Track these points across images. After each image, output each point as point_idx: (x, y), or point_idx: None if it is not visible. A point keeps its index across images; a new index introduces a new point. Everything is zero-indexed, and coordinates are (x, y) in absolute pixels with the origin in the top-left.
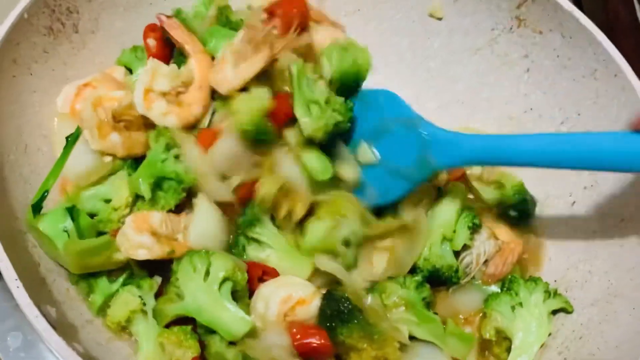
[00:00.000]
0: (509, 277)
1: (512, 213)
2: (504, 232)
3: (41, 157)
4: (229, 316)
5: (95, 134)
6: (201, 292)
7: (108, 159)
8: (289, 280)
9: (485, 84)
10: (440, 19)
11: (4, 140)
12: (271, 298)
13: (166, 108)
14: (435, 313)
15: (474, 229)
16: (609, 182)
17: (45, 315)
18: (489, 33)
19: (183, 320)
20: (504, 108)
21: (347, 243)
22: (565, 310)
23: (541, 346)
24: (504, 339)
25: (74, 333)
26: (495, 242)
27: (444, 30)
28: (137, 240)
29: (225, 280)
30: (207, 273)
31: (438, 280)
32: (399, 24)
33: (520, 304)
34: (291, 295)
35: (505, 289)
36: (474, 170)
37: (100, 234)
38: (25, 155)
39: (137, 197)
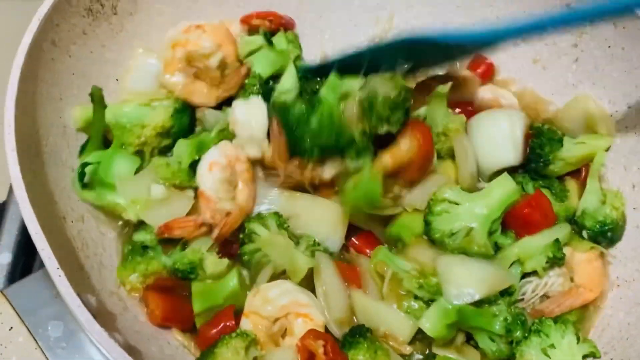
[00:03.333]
0: (539, 318)
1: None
2: (584, 274)
3: (80, 140)
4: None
5: (162, 66)
6: None
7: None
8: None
9: (531, 73)
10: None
11: (44, 122)
12: (286, 294)
13: None
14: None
15: (554, 261)
16: None
17: (86, 304)
18: None
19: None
20: (551, 99)
21: None
22: (594, 355)
23: None
24: None
25: (113, 321)
26: (565, 281)
27: (490, 17)
28: None
29: None
30: None
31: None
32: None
33: (553, 346)
34: (309, 306)
35: (534, 330)
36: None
37: None
38: (64, 138)
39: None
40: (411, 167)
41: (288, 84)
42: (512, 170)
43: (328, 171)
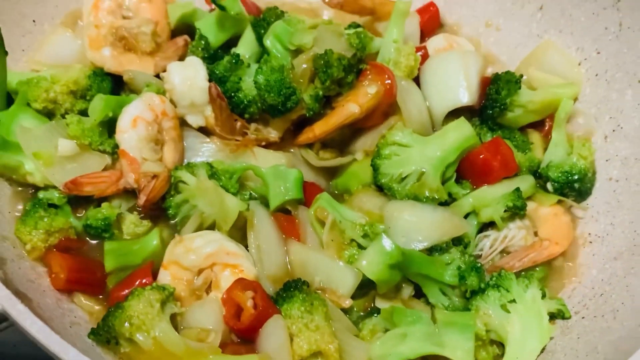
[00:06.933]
0: (498, 272)
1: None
2: (550, 228)
3: None
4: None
5: (87, 44)
6: None
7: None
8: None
9: (492, 27)
10: None
11: None
12: (212, 242)
13: None
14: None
15: (514, 211)
16: (634, 124)
17: None
18: None
19: None
20: (514, 53)
21: None
22: (563, 314)
23: (542, 350)
24: (492, 344)
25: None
26: (528, 235)
27: None
28: None
29: None
30: None
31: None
32: None
33: (514, 301)
34: (239, 256)
35: (492, 284)
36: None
37: None
38: None
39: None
40: (375, 113)
41: (243, 49)
42: (468, 120)
43: (274, 132)
